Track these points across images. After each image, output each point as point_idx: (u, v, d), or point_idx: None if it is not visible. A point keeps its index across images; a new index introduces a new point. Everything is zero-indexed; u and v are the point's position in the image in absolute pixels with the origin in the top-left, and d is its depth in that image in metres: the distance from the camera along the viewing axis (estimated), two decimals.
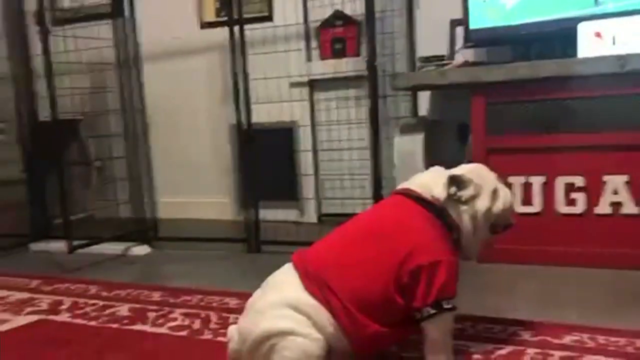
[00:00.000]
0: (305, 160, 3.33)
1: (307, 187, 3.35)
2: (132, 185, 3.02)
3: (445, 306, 1.34)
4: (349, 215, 1.57)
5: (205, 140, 3.64)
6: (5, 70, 3.34)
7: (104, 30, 3.10)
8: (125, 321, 1.93)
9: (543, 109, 2.28)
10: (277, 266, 1.45)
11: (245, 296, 1.44)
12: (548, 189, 2.29)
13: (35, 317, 2.02)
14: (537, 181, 2.30)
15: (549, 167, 2.28)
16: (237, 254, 2.77)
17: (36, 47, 2.93)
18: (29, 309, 2.11)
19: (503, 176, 1.61)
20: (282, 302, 1.34)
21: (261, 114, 3.23)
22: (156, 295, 2.17)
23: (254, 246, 2.78)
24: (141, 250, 2.91)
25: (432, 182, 1.46)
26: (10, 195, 3.43)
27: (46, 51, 2.59)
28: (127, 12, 2.94)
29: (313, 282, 1.34)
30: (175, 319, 1.91)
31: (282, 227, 3.07)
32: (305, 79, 3.24)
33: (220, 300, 2.07)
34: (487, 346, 1.55)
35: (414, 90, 2.92)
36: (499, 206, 1.49)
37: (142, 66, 3.00)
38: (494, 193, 1.49)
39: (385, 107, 3.03)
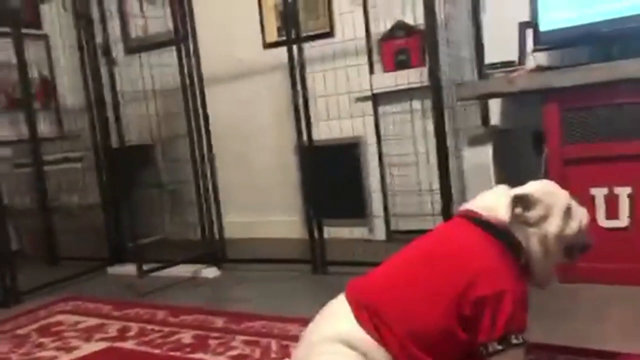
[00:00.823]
0: (373, 176, 3.24)
1: (376, 204, 3.25)
2: (201, 207, 3.05)
3: (514, 341, 1.21)
4: (419, 232, 1.48)
5: (272, 159, 3.64)
6: (81, 100, 3.49)
7: (170, 56, 3.17)
8: (188, 349, 1.91)
9: (624, 114, 2.07)
10: (342, 289, 1.37)
11: (306, 323, 1.37)
12: (636, 201, 2.07)
13: (103, 345, 2.05)
14: (623, 192, 2.09)
15: (636, 176, 2.07)
16: (304, 275, 2.72)
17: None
18: (99, 336, 2.15)
19: (579, 191, 1.45)
20: (334, 336, 1.26)
21: (327, 130, 3.19)
22: (219, 322, 2.15)
23: (320, 267, 2.71)
24: (210, 272, 2.93)
25: (496, 202, 1.34)
26: (90, 220, 3.57)
27: (112, 80, 2.67)
28: (190, 38, 2.99)
29: (367, 315, 1.26)
30: (235, 348, 1.88)
31: (351, 245, 3.00)
32: (369, 93, 3.16)
33: (282, 328, 2.02)
34: None
35: (481, 99, 2.76)
36: (572, 227, 1.34)
37: (206, 90, 3.03)
38: (567, 212, 1.34)
39: (454, 118, 2.88)
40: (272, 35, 3.54)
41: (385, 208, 3.24)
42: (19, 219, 3.92)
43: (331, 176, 3.17)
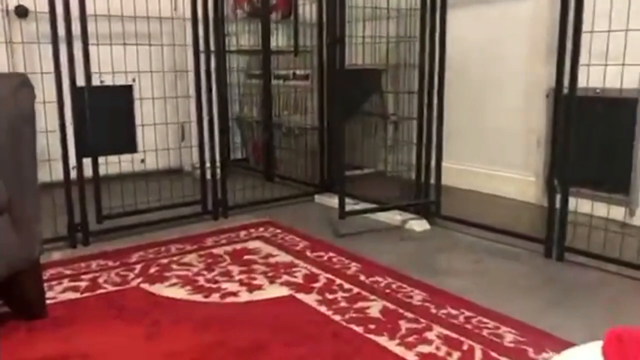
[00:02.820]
0: None
1: None
2: (420, 148, 2.64)
3: None
4: None
5: (515, 103, 3.02)
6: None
7: None
8: (372, 326, 1.59)
9: None
10: (582, 290, 0.89)
11: (527, 330, 0.93)
12: None
13: (286, 291, 1.84)
14: None
15: None
16: (533, 256, 2.18)
17: None
18: (285, 279, 1.94)
19: None
20: None
21: (599, 77, 2.47)
22: (418, 298, 1.78)
23: (557, 251, 2.14)
24: (418, 225, 2.55)
25: None
26: (309, 143, 3.43)
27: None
28: None
29: None
30: (430, 342, 1.50)
31: (601, 227, 2.33)
32: None
33: (494, 328, 1.57)
34: None
35: None
36: None
37: (447, 12, 2.52)
38: None
39: None
40: None
41: None
42: (247, 129, 3.98)
43: (593, 136, 2.48)
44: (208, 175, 2.74)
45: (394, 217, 2.64)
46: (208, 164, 2.75)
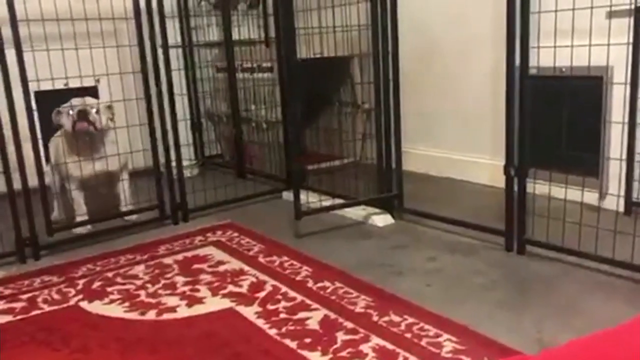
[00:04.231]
0: (616, 124, 2.34)
1: (615, 162, 2.37)
2: (380, 139, 2.52)
3: None
4: None
5: (482, 85, 2.90)
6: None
7: None
8: (307, 340, 1.51)
9: None
10: (538, 288, 0.84)
11: (468, 337, 0.85)
12: None
13: (226, 304, 1.76)
14: None
15: None
16: (493, 250, 2.08)
17: None
18: (229, 289, 1.87)
19: None
20: None
21: (555, 56, 2.35)
22: (361, 304, 1.70)
23: (517, 244, 2.04)
24: (380, 220, 2.46)
25: None
26: (276, 136, 3.33)
27: None
28: None
29: None
30: (364, 355, 1.41)
31: (572, 212, 2.21)
32: (630, 5, 2.20)
33: (435, 336, 1.49)
34: None
35: None
36: None
37: None
38: None
39: None
40: None
41: (630, 169, 2.35)
42: (218, 124, 3.89)
43: (556, 115, 2.37)
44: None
45: (358, 212, 2.55)
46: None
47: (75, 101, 2.52)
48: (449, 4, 2.98)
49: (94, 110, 2.50)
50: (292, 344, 1.49)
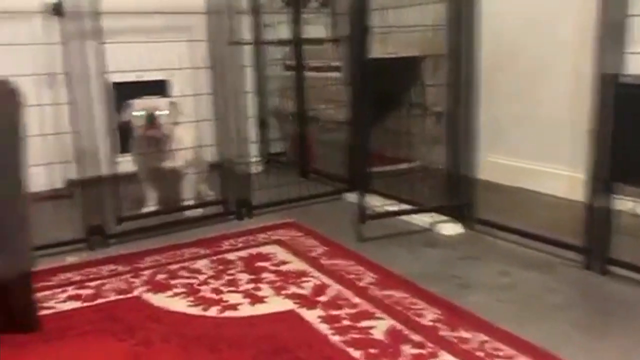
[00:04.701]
0: None
1: None
2: (452, 141, 2.42)
3: None
4: None
5: (557, 92, 2.75)
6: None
7: None
8: (372, 350, 1.45)
9: None
10: (621, 312, 0.78)
11: None
12: None
13: (289, 304, 1.73)
14: None
15: None
16: (572, 268, 1.95)
17: None
18: (292, 290, 1.83)
19: None
20: None
21: None
22: (429, 317, 1.62)
23: (598, 263, 1.91)
24: (449, 229, 2.37)
25: None
26: (342, 137, 3.28)
27: None
28: None
29: None
30: None
31: None
32: None
33: (508, 357, 1.39)
34: None
35: None
36: None
37: None
38: None
39: None
40: None
41: None
42: (285, 123, 3.88)
43: None
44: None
45: (424, 218, 2.46)
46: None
47: (140, 103, 2.52)
48: (529, 7, 2.84)
49: (162, 113, 2.50)
50: (356, 353, 1.44)
